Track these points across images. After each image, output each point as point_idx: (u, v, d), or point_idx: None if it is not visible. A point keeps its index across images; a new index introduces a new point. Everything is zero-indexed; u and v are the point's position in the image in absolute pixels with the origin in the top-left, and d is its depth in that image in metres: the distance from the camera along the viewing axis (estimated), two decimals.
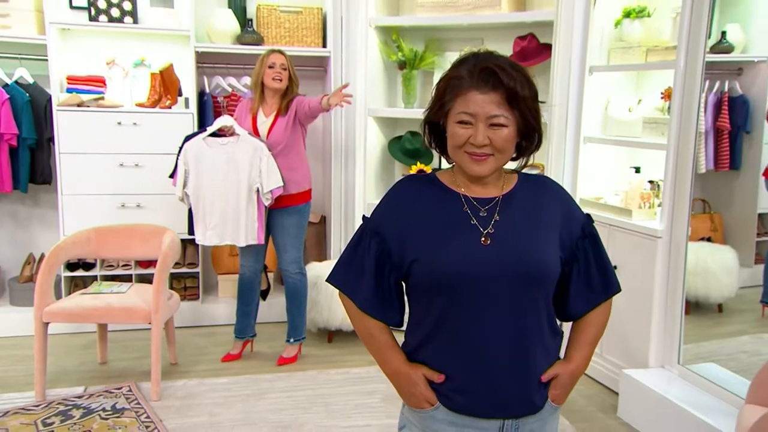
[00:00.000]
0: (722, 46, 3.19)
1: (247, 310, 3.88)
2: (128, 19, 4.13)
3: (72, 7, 4.22)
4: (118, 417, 3.12)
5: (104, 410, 3.18)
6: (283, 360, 3.85)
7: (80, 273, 4.27)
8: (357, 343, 4.06)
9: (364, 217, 1.53)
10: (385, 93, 4.50)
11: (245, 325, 3.90)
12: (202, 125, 4.08)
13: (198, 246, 4.20)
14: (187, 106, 4.23)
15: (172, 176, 3.68)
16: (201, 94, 4.36)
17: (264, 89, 3.65)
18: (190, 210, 3.70)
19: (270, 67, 3.59)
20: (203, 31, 4.34)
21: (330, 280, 1.55)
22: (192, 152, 3.60)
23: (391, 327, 1.53)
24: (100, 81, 4.17)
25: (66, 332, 4.10)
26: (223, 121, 3.59)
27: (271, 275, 4.51)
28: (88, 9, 4.10)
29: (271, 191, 3.60)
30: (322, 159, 4.70)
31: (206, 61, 4.36)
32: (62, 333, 4.06)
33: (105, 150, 4.10)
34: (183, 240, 3.94)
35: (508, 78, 1.35)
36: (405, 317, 1.54)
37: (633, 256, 3.31)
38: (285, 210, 3.73)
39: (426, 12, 4.14)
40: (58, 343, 3.93)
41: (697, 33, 2.98)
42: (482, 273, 1.37)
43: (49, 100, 4.05)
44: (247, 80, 4.34)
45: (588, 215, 1.55)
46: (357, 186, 4.37)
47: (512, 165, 1.50)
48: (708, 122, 3.24)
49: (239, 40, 4.32)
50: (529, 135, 1.43)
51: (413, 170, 4.04)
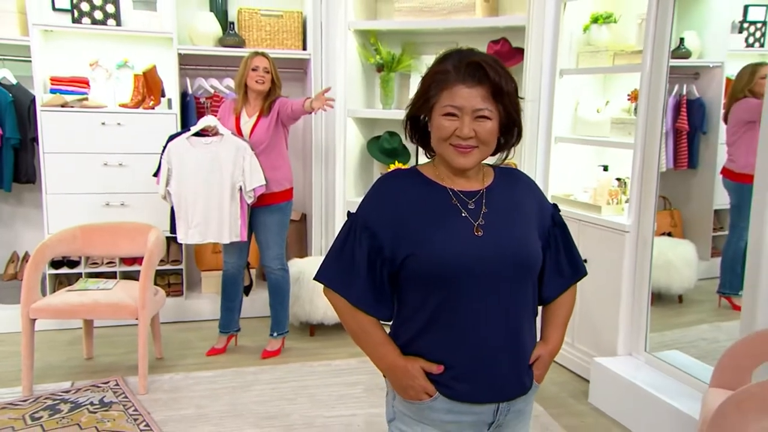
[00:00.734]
0: (681, 52, 3.30)
1: (231, 306, 3.93)
2: (111, 22, 4.15)
3: (55, 9, 4.23)
4: (107, 410, 3.15)
5: (92, 404, 3.21)
6: (267, 353, 3.91)
7: (65, 270, 4.29)
8: (338, 336, 4.15)
9: (350, 213, 1.49)
10: (364, 94, 4.57)
11: (229, 320, 3.95)
12: (185, 125, 4.10)
13: (181, 243, 4.25)
14: (170, 107, 4.28)
15: (156, 175, 3.70)
16: (184, 95, 4.40)
17: (247, 90, 3.71)
18: (173, 209, 3.73)
19: (253, 70, 3.64)
20: (185, 34, 4.38)
21: (318, 279, 1.50)
22: (175, 151, 3.63)
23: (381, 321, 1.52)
24: (84, 82, 4.18)
25: (51, 329, 4.12)
26: (207, 121, 3.63)
27: (254, 271, 4.57)
28: (72, 11, 4.11)
29: (254, 189, 3.65)
30: (303, 158, 4.76)
31: (189, 63, 4.41)
32: (48, 329, 4.07)
33: (89, 150, 4.12)
34: (167, 237, 3.97)
35: (494, 73, 1.38)
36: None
37: (602, 250, 3.41)
38: (267, 208, 3.79)
39: (403, 16, 4.23)
40: (44, 339, 3.94)
41: (662, 38, 3.09)
42: (479, 263, 1.40)
43: (33, 101, 4.06)
44: (229, 82, 4.41)
45: (555, 205, 1.61)
46: (337, 184, 4.46)
47: (491, 160, 1.53)
48: (668, 123, 3.34)
49: (221, 43, 4.37)
50: (510, 129, 1.46)
51: (391, 168, 4.14)
